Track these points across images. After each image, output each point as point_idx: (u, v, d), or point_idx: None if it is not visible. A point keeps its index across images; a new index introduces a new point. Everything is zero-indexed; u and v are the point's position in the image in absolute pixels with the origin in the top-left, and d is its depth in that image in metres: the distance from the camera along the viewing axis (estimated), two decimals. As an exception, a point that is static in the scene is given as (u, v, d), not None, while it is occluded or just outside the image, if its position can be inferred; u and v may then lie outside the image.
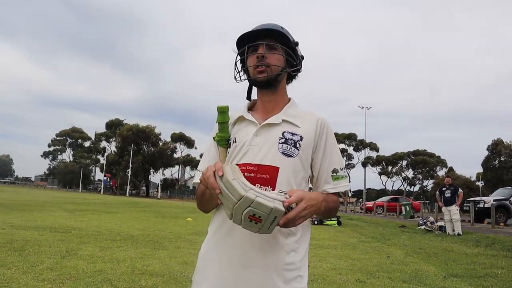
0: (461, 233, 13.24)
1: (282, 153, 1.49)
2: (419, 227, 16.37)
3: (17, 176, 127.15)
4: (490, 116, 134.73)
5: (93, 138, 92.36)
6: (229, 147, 1.55)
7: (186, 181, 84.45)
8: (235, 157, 1.52)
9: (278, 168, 1.48)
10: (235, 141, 1.55)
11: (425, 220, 17.13)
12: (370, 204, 36.05)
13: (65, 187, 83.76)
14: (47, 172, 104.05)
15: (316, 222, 17.75)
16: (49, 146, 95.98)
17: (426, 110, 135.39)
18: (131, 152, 67.80)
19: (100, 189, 73.36)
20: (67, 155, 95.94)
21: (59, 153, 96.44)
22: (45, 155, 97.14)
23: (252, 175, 1.46)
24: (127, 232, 9.88)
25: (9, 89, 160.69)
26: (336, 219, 18.27)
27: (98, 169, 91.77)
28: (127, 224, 12.04)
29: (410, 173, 72.10)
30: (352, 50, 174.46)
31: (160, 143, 74.43)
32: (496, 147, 57.97)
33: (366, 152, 71.03)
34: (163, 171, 77.03)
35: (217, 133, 1.56)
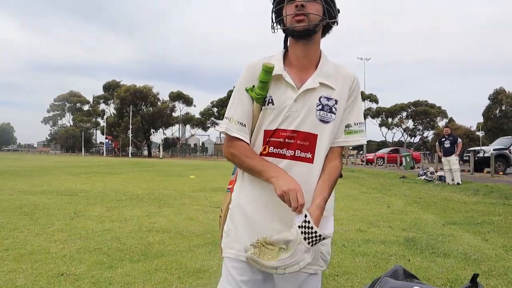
0: (461, 183, 13.46)
1: (320, 120, 1.53)
2: (419, 178, 16.60)
3: (19, 143, 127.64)
4: (491, 65, 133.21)
5: (91, 101, 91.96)
6: (264, 105, 1.55)
7: (187, 139, 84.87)
8: (273, 120, 1.53)
9: (317, 135, 1.53)
10: (272, 103, 1.54)
11: (425, 171, 17.34)
12: (370, 156, 36.36)
13: (68, 152, 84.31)
14: (48, 137, 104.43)
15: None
16: (48, 111, 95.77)
17: (426, 60, 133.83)
18: (130, 113, 67.74)
19: (103, 152, 73.98)
20: (67, 120, 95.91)
21: (59, 118, 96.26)
22: (45, 120, 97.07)
23: (292, 141, 1.52)
24: (132, 192, 10.08)
25: (2, 57, 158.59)
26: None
27: (99, 132, 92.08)
28: (132, 184, 12.25)
29: (410, 124, 72.16)
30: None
31: (159, 103, 74.18)
32: (498, 96, 57.61)
33: (366, 104, 70.75)
34: (163, 131, 77.25)
35: (256, 90, 1.54)
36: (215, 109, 77.29)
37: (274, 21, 1.59)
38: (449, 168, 13.93)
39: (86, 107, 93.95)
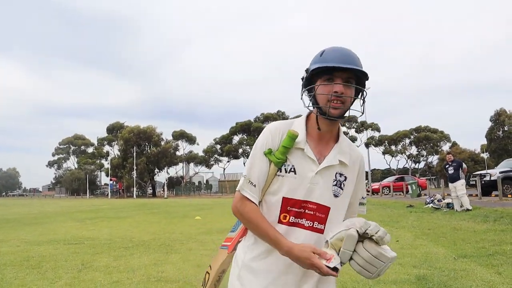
0: (470, 208, 13.24)
1: (334, 194, 1.62)
2: (426, 206, 16.46)
3: (25, 188, 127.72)
4: (491, 86, 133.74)
5: (95, 143, 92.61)
6: (281, 171, 1.60)
7: (191, 177, 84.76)
8: (294, 190, 1.59)
9: (330, 208, 1.61)
10: (294, 172, 1.59)
11: (432, 198, 17.21)
12: (376, 185, 36.17)
13: (73, 195, 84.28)
14: (53, 181, 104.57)
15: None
16: (53, 155, 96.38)
17: (424, 85, 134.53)
18: (135, 154, 68.01)
19: (108, 194, 73.75)
20: (72, 163, 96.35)
21: (63, 161, 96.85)
22: (50, 164, 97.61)
23: (312, 212, 1.59)
24: (139, 237, 10.01)
25: (8, 103, 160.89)
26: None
27: (103, 173, 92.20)
28: (138, 229, 12.18)
29: (414, 151, 72.09)
30: (342, 30, 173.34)
31: (162, 143, 74.58)
32: (499, 117, 57.77)
33: (368, 133, 71.05)
34: (167, 170, 77.37)
35: (276, 154, 1.59)
36: (218, 146, 77.68)
37: (304, 97, 1.66)
38: (456, 195, 13.83)
39: (90, 150, 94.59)
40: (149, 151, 73.35)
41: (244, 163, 76.68)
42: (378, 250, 1.44)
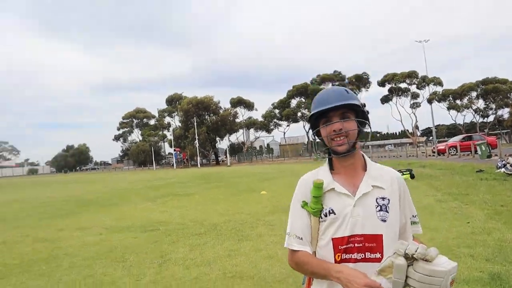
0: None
1: (381, 219, 1.68)
2: (498, 170, 15.75)
3: (95, 161, 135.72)
4: None
5: (156, 115, 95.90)
6: (321, 218, 1.72)
7: (252, 143, 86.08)
8: (339, 228, 1.69)
9: (382, 235, 1.67)
10: (334, 213, 1.70)
11: (504, 162, 16.41)
12: (442, 146, 34.88)
13: (140, 166, 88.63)
14: (121, 153, 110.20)
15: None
16: (118, 129, 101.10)
17: (490, 32, 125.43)
18: (195, 124, 69.79)
19: (173, 164, 76.75)
20: (136, 135, 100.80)
21: (128, 134, 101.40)
22: (116, 138, 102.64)
23: (361, 245, 1.67)
24: (210, 220, 10.45)
25: (71, 83, 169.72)
26: (408, 172, 18.01)
27: (166, 144, 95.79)
28: (207, 208, 12.81)
29: (481, 104, 68.24)
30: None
31: (221, 111, 75.89)
32: None
33: (430, 88, 67.91)
34: (228, 137, 79.05)
35: (311, 205, 1.73)
36: (276, 111, 77.81)
37: (315, 146, 1.83)
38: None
39: (152, 122, 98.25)
40: (209, 119, 75.01)
41: (304, 127, 76.63)
42: (430, 268, 1.38)
